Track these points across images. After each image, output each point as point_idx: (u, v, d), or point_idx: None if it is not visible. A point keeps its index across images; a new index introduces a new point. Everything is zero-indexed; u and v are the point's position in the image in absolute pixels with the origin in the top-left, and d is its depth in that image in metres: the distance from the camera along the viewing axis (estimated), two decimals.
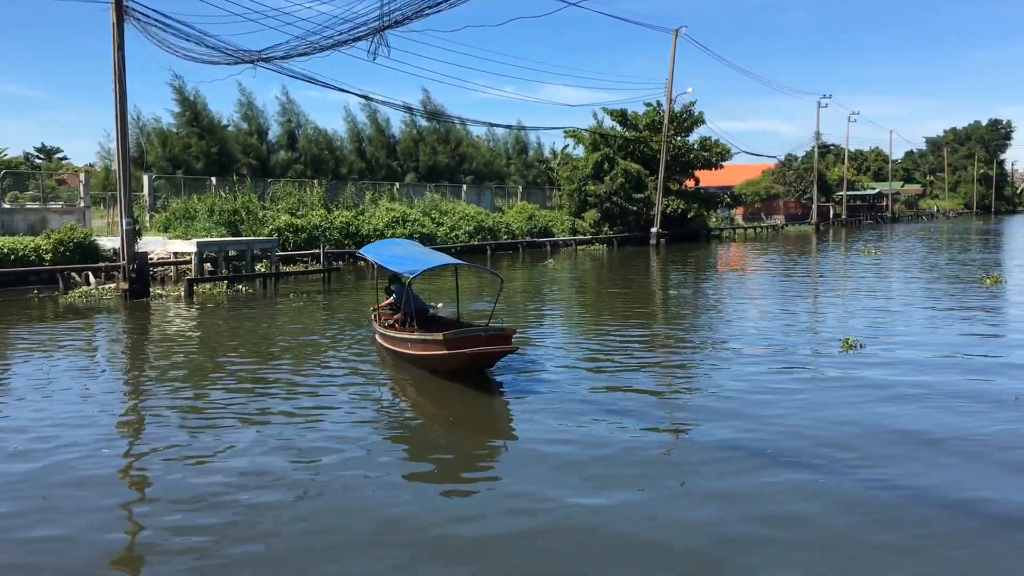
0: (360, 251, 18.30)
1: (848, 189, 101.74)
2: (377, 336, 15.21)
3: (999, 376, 12.55)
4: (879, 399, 11.11)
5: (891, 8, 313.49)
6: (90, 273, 26.25)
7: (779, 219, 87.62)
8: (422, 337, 12.80)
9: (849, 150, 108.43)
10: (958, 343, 15.46)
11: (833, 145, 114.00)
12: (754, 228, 76.30)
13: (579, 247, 49.74)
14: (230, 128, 47.55)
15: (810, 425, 9.88)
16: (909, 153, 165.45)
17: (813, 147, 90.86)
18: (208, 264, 28.28)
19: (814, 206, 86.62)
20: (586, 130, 58.37)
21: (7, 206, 30.89)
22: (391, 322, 14.90)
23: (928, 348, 14.89)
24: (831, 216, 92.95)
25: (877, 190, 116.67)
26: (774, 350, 14.91)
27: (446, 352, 12.13)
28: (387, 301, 15.66)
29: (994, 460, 8.63)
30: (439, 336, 12.32)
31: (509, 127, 65.43)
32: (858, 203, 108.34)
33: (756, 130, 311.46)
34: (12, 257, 25.93)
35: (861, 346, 14.83)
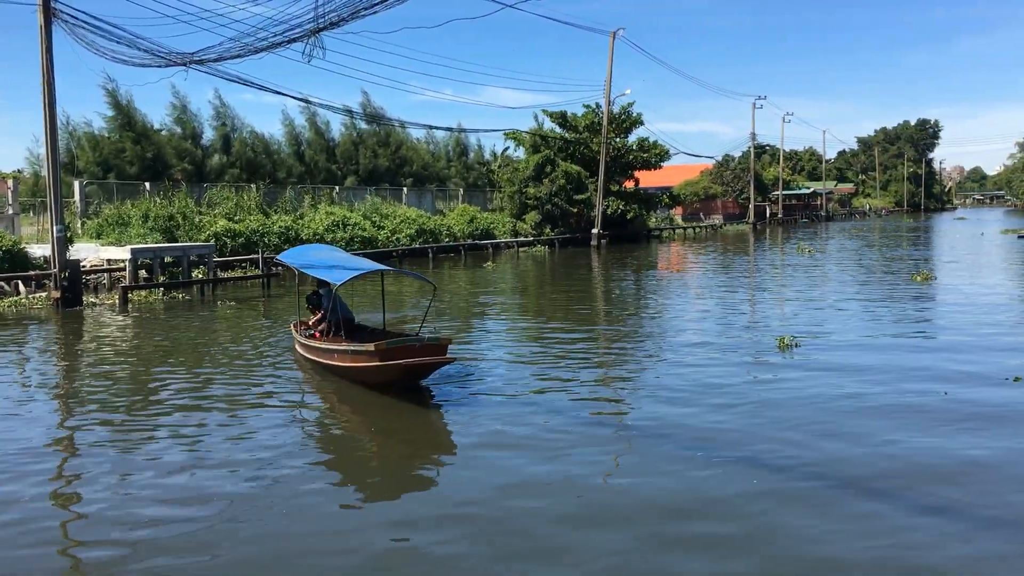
0: (278, 257, 16.87)
1: (784, 189, 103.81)
2: (298, 347, 14.21)
3: (928, 366, 12.97)
4: (815, 393, 11.40)
5: (824, 13, 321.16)
6: (20, 282, 25.50)
7: (717, 219, 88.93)
8: (351, 348, 11.98)
9: (784, 150, 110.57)
10: (890, 338, 15.90)
11: (769, 145, 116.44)
12: (693, 228, 77.27)
13: (521, 249, 49.85)
14: (164, 132, 46.65)
15: (750, 424, 10.10)
16: (842, 153, 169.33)
17: (749, 147, 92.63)
18: (143, 271, 27.71)
19: (751, 206, 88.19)
20: (526, 132, 58.51)
21: None
22: (312, 331, 13.89)
23: (862, 344, 15.30)
24: (768, 215, 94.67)
25: (812, 189, 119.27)
26: (712, 350, 15.15)
27: (379, 364, 11.39)
28: (317, 315, 14.31)
29: (914, 431, 9.03)
30: (371, 347, 11.53)
31: (450, 129, 65.60)
32: (794, 202, 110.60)
33: (695, 131, 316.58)
34: None
35: (796, 344, 15.14)
